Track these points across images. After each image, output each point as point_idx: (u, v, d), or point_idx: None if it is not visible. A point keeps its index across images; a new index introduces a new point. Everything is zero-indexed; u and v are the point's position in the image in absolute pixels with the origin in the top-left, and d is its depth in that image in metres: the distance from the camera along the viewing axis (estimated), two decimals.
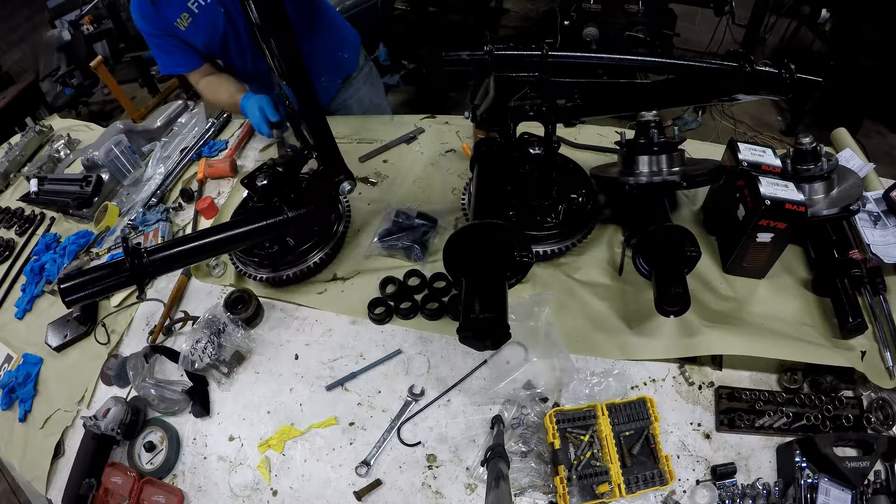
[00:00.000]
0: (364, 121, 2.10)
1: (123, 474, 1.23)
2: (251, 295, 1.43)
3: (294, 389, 1.32)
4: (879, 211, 1.40)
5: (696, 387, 1.21)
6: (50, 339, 1.56)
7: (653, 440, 1.11)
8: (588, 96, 1.18)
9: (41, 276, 1.76)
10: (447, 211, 1.62)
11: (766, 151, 1.34)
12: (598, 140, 1.80)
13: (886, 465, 1.05)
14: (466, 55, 1.12)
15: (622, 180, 1.36)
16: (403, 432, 1.22)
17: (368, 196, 1.75)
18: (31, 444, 1.39)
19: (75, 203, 1.91)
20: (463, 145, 1.87)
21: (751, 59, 1.05)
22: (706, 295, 1.33)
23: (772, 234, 1.22)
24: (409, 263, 1.52)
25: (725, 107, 3.86)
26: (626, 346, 1.27)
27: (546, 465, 1.12)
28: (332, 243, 1.51)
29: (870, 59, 3.28)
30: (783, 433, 1.12)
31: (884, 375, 1.14)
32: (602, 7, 3.57)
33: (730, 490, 1.06)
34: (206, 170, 1.94)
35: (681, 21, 3.93)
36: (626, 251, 1.40)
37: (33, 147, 2.40)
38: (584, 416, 1.14)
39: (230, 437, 1.28)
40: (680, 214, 1.54)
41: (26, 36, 5.28)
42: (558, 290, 1.37)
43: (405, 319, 1.41)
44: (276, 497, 1.18)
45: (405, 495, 1.14)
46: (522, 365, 1.24)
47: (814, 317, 1.27)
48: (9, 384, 1.49)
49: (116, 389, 1.42)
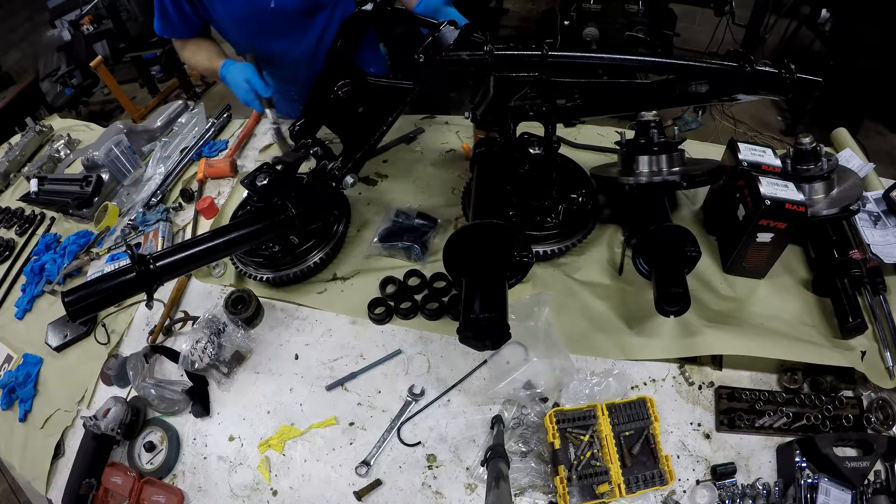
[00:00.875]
0: None
1: (123, 474, 1.23)
2: (251, 295, 1.43)
3: (294, 389, 1.32)
4: (879, 211, 1.40)
5: (696, 387, 1.21)
6: (50, 339, 1.56)
7: (653, 440, 1.11)
8: (588, 96, 1.18)
9: (41, 276, 1.76)
10: (447, 211, 1.62)
11: (766, 151, 1.34)
12: (598, 140, 1.80)
13: (886, 465, 1.05)
14: (466, 55, 1.12)
15: (622, 180, 1.36)
16: (403, 432, 1.22)
17: (368, 196, 1.75)
18: (31, 444, 1.39)
19: (75, 203, 1.91)
20: (463, 145, 1.87)
21: (751, 59, 1.05)
22: (706, 295, 1.33)
23: (772, 234, 1.22)
24: (409, 263, 1.52)
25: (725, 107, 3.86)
26: (626, 346, 1.27)
27: (546, 465, 1.12)
28: (333, 243, 1.51)
29: (870, 59, 3.28)
30: (783, 433, 1.12)
31: (884, 375, 1.14)
32: (602, 7, 3.57)
33: (730, 490, 1.06)
34: (206, 170, 1.94)
35: (681, 21, 3.93)
36: (626, 251, 1.40)
37: (33, 147, 2.40)
38: (584, 416, 1.15)
39: (230, 437, 1.28)
40: (680, 214, 1.54)
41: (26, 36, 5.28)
42: (558, 290, 1.37)
43: (405, 319, 1.41)
44: (276, 497, 1.18)
45: (405, 495, 1.14)
46: (522, 365, 1.24)
47: (814, 317, 1.27)
48: (9, 384, 1.49)
49: (116, 389, 1.42)
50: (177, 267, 1.25)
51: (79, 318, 1.16)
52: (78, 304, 1.13)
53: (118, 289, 1.17)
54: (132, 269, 1.16)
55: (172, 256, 1.23)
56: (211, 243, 1.29)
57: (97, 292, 1.16)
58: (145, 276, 1.17)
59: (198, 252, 1.27)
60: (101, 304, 1.18)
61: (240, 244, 1.35)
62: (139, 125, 2.25)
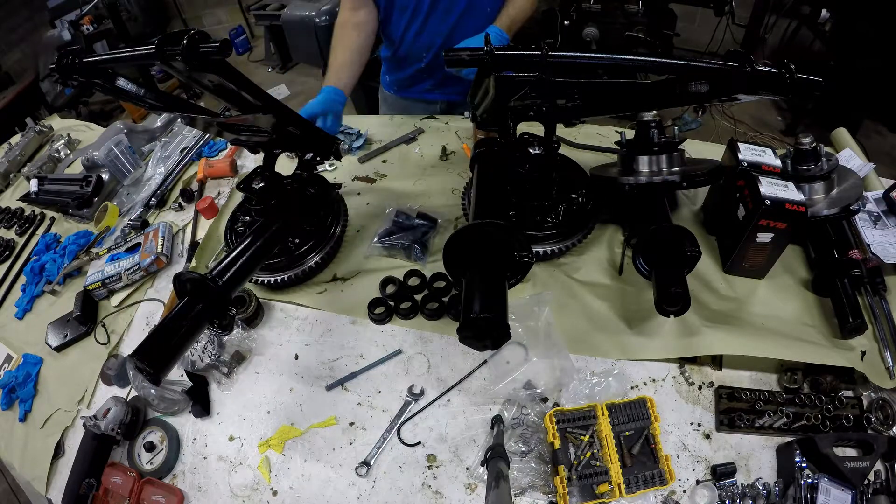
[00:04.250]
0: (364, 121, 2.11)
1: (123, 474, 1.23)
2: (251, 295, 1.43)
3: (294, 389, 1.32)
4: (879, 211, 1.41)
5: (696, 387, 1.21)
6: (50, 339, 1.56)
7: (653, 440, 1.11)
8: (588, 96, 1.18)
9: (41, 276, 1.76)
10: (447, 211, 1.62)
11: (766, 151, 1.34)
12: (598, 140, 1.80)
13: (886, 465, 1.05)
14: (466, 55, 1.12)
15: (622, 180, 1.36)
16: (403, 432, 1.22)
17: (368, 196, 1.75)
18: (31, 444, 1.39)
19: (75, 203, 1.91)
20: (463, 145, 1.87)
21: (751, 59, 1.05)
22: (706, 295, 1.33)
23: (772, 234, 1.22)
24: (409, 263, 1.52)
25: (725, 107, 3.87)
26: (626, 346, 1.27)
27: (546, 465, 1.12)
28: (331, 245, 1.51)
29: (870, 59, 3.29)
30: (783, 433, 1.12)
31: (884, 375, 1.14)
32: (602, 7, 3.58)
33: (730, 490, 1.06)
34: (205, 170, 1.95)
35: (681, 21, 3.94)
36: (626, 251, 1.40)
37: (33, 147, 2.40)
38: (584, 416, 1.14)
39: (230, 437, 1.28)
40: (680, 214, 1.54)
41: (26, 36, 5.28)
42: (558, 290, 1.37)
43: (405, 319, 1.41)
44: (276, 497, 1.18)
45: (405, 495, 1.14)
46: (522, 365, 1.24)
47: (814, 317, 1.27)
48: (9, 384, 1.49)
49: (116, 389, 1.42)
50: (239, 278, 1.14)
51: (165, 373, 0.97)
52: (160, 361, 0.96)
53: (192, 322, 1.01)
54: (201, 296, 1.02)
55: (230, 269, 1.12)
56: (256, 245, 1.22)
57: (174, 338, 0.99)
58: (217, 298, 1.04)
59: (251, 256, 1.19)
60: (181, 347, 1.01)
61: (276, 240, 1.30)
62: (139, 125, 2.25)
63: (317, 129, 1.46)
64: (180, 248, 1.73)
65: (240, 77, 1.10)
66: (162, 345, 0.98)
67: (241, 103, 1.17)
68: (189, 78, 1.04)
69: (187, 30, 0.95)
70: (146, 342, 0.97)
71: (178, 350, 1.00)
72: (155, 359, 0.95)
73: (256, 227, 1.29)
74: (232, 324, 1.08)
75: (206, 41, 0.96)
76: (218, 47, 0.95)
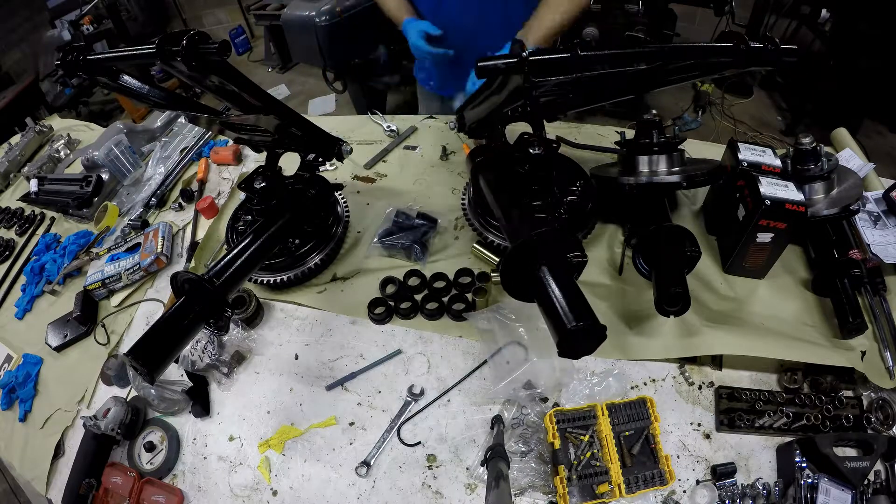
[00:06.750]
0: (364, 121, 2.11)
1: (123, 474, 1.23)
2: (251, 295, 1.43)
3: (294, 389, 1.32)
4: (879, 211, 1.40)
5: (696, 387, 1.21)
6: (50, 339, 1.56)
7: (653, 440, 1.11)
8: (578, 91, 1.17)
9: (41, 276, 1.76)
10: (447, 211, 1.62)
11: (766, 151, 1.34)
12: (598, 140, 1.80)
13: (886, 465, 1.05)
14: (502, 63, 1.10)
15: (622, 180, 1.36)
16: (403, 432, 1.22)
17: (368, 196, 1.75)
18: (31, 444, 1.39)
19: (75, 203, 1.91)
20: (463, 146, 1.87)
21: (746, 40, 1.06)
22: (706, 295, 1.33)
23: (772, 234, 1.22)
24: (409, 263, 1.52)
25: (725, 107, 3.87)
26: (626, 346, 1.27)
27: (546, 465, 1.12)
28: (331, 245, 1.51)
29: (870, 59, 3.29)
30: (783, 433, 1.12)
31: (884, 375, 1.14)
32: (602, 7, 3.58)
33: (730, 490, 1.06)
34: (211, 156, 2.00)
35: (681, 21, 3.94)
36: (626, 251, 1.40)
37: (33, 147, 2.40)
38: (584, 416, 1.15)
39: (230, 437, 1.28)
40: (680, 214, 1.54)
41: (26, 36, 5.28)
42: None
43: (405, 319, 1.41)
44: (276, 497, 1.18)
45: (405, 495, 1.14)
46: (522, 365, 1.24)
47: (814, 317, 1.27)
48: (9, 384, 1.49)
49: (116, 389, 1.42)
50: (237, 278, 1.14)
51: (159, 372, 0.96)
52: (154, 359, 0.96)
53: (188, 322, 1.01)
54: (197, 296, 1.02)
55: (228, 270, 1.11)
56: (255, 245, 1.22)
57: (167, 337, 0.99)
58: (215, 297, 1.04)
59: (249, 257, 1.18)
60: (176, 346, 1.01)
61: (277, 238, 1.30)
62: (139, 125, 2.25)
63: (319, 130, 1.46)
64: (180, 248, 1.73)
65: (240, 77, 1.10)
66: (157, 344, 0.97)
67: (242, 103, 1.17)
68: (190, 78, 1.04)
69: (187, 30, 0.95)
70: (141, 341, 0.97)
71: (173, 349, 0.99)
72: (150, 358, 0.95)
73: (256, 227, 1.29)
74: (228, 324, 1.08)
75: (206, 42, 0.96)
76: (217, 48, 0.95)
